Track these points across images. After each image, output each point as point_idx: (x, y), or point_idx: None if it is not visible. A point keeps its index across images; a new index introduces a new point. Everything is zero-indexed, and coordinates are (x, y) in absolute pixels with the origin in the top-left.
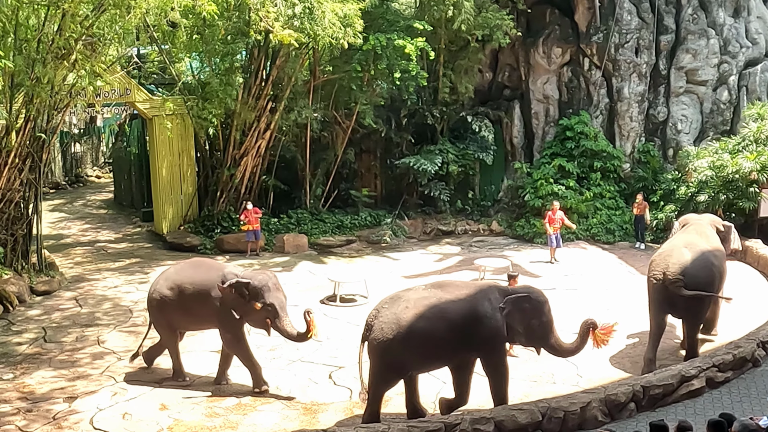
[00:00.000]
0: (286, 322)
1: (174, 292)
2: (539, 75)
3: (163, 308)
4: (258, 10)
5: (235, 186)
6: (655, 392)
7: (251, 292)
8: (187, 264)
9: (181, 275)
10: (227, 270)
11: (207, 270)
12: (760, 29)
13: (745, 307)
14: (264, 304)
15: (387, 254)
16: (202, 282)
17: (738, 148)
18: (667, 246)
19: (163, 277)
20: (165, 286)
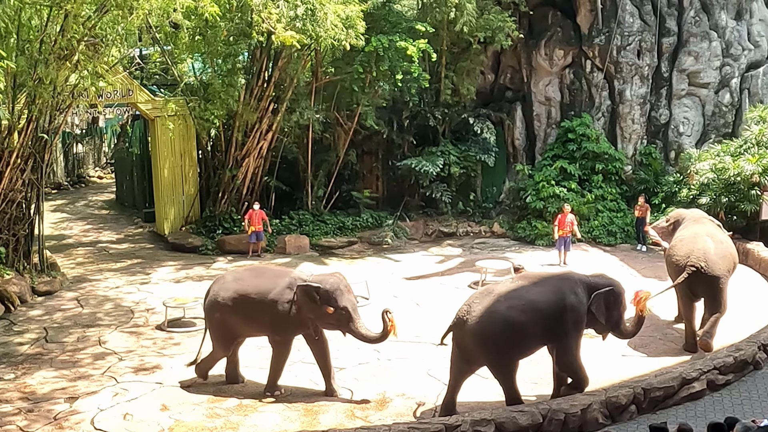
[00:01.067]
0: (360, 325)
1: (236, 301)
2: (541, 77)
3: (223, 317)
4: (260, 11)
5: (236, 187)
6: (656, 394)
7: (322, 296)
8: (248, 271)
9: (245, 283)
10: (293, 275)
11: (272, 277)
12: (762, 32)
13: (747, 309)
14: (337, 307)
15: (388, 255)
16: (266, 290)
17: (740, 150)
18: (687, 235)
19: (224, 285)
20: (227, 297)
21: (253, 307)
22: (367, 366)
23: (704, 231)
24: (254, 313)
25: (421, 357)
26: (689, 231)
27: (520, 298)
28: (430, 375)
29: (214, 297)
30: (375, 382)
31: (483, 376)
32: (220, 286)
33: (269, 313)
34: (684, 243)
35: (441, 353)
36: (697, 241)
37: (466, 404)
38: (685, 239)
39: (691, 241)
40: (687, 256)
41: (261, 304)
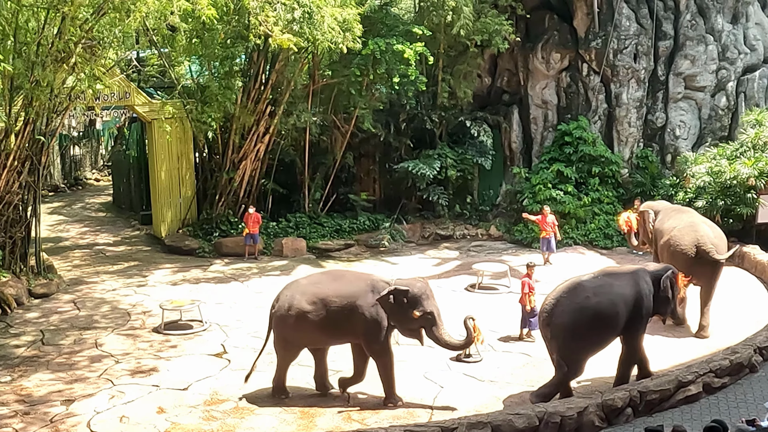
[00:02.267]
0: (444, 331)
1: (317, 306)
2: (538, 80)
3: (300, 324)
4: (257, 14)
5: (233, 189)
6: (652, 397)
7: (410, 301)
8: (324, 276)
9: (324, 288)
10: (374, 278)
11: (352, 281)
12: (758, 35)
13: (743, 312)
14: (423, 312)
15: (385, 258)
16: (350, 294)
17: (736, 154)
18: (682, 225)
19: (298, 291)
20: (305, 301)
21: (335, 313)
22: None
23: (697, 219)
24: (337, 319)
25: (418, 360)
26: (681, 220)
27: (608, 291)
28: (427, 378)
29: (288, 303)
30: (372, 386)
31: (479, 379)
32: (295, 291)
33: (356, 319)
34: (685, 231)
35: (438, 356)
36: (698, 229)
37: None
38: (683, 228)
39: (692, 229)
40: (694, 243)
41: (344, 309)
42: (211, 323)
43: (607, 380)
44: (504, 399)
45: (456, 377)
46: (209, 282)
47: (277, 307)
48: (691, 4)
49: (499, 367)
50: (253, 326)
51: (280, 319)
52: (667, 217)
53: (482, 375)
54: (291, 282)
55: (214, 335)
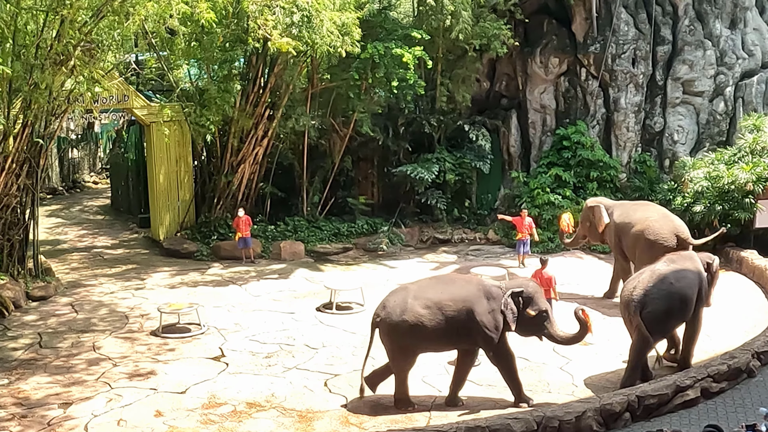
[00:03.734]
0: (557, 327)
1: (432, 310)
2: (536, 84)
3: (416, 330)
4: (256, 18)
5: (232, 193)
6: (650, 402)
7: (525, 301)
8: (433, 281)
9: (437, 292)
10: (485, 282)
11: (464, 284)
12: (756, 41)
13: (741, 317)
14: (539, 311)
15: (384, 262)
16: (464, 297)
17: (734, 159)
18: (655, 216)
19: (410, 296)
20: (418, 305)
21: (451, 317)
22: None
23: (665, 210)
24: (453, 324)
25: (416, 364)
26: (651, 211)
27: (684, 277)
28: (425, 382)
29: (400, 308)
30: (369, 390)
31: (477, 383)
32: (406, 296)
33: (472, 323)
34: (662, 221)
35: (436, 360)
36: (673, 219)
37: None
38: (659, 218)
39: (668, 219)
40: (673, 232)
41: (460, 313)
42: (209, 327)
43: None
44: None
45: None
46: (207, 285)
47: (385, 314)
48: (690, 10)
49: (497, 371)
50: (251, 330)
51: (392, 326)
52: (631, 210)
53: (480, 379)
54: (396, 288)
55: (212, 339)
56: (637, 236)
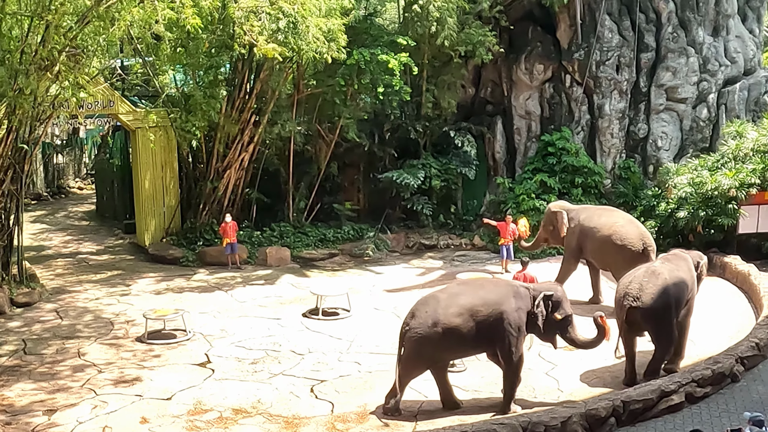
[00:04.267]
0: (577, 332)
1: (464, 318)
2: (521, 91)
3: (448, 339)
4: (242, 23)
5: (218, 198)
6: (635, 407)
7: (554, 304)
8: (462, 287)
9: (468, 298)
10: (514, 284)
11: (493, 287)
12: (738, 48)
13: (724, 322)
14: (565, 315)
15: (370, 268)
16: (495, 301)
17: (717, 165)
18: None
19: (441, 305)
20: (451, 314)
21: (482, 322)
22: (348, 378)
23: (627, 214)
24: (482, 329)
25: None
26: (618, 216)
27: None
28: (411, 387)
29: (432, 318)
30: (356, 395)
31: (463, 389)
32: (437, 306)
33: (499, 327)
34: (629, 227)
35: None
36: (638, 224)
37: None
38: (626, 224)
39: (635, 225)
40: (640, 238)
41: (490, 317)
42: (195, 333)
43: (590, 391)
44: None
45: None
46: (193, 291)
47: (416, 324)
48: (673, 17)
49: (483, 376)
50: (237, 336)
51: (425, 337)
52: (595, 215)
53: (466, 384)
54: (425, 297)
55: (197, 345)
56: (605, 241)
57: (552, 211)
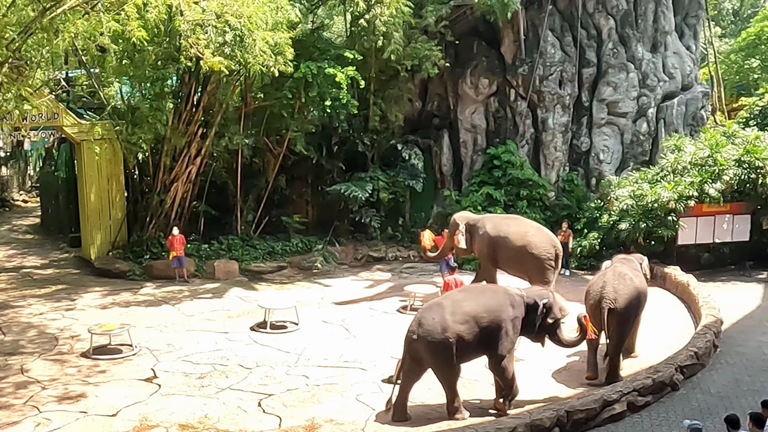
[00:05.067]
0: (564, 332)
1: (470, 324)
2: (467, 105)
3: (458, 346)
4: (188, 36)
5: (165, 211)
6: (579, 417)
7: (547, 309)
8: (463, 293)
9: (471, 305)
10: (509, 290)
11: (492, 294)
12: (676, 64)
13: (664, 332)
14: (555, 318)
15: (318, 280)
16: (495, 308)
17: (657, 178)
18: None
19: (447, 312)
20: (457, 321)
21: (484, 328)
22: (296, 392)
23: (533, 222)
24: (484, 334)
25: (350, 382)
26: (527, 225)
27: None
28: (359, 400)
29: (440, 326)
30: (304, 409)
31: (411, 400)
32: (443, 313)
33: (497, 332)
34: (540, 235)
35: (370, 378)
36: (546, 231)
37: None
38: (537, 232)
39: (545, 232)
40: (552, 244)
41: (492, 323)
42: (141, 347)
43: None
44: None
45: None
46: (140, 305)
47: (425, 332)
48: (613, 33)
49: (430, 388)
50: (185, 350)
51: (434, 344)
52: (503, 224)
53: (413, 396)
54: (429, 305)
55: (144, 359)
56: (520, 250)
57: (455, 222)
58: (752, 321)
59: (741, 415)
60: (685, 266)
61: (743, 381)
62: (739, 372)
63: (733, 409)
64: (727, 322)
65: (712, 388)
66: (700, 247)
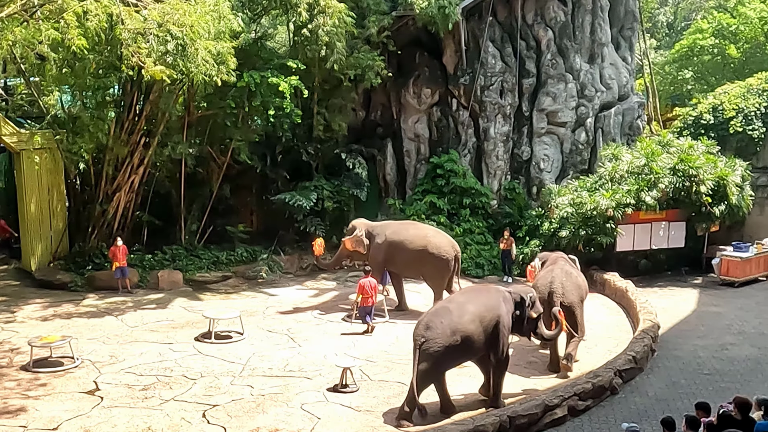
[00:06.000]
0: (543, 327)
1: (476, 324)
2: (410, 114)
3: (466, 346)
4: (129, 45)
5: (107, 222)
6: (521, 422)
7: (532, 304)
8: (465, 294)
9: (475, 305)
10: (500, 288)
11: (488, 292)
12: (613, 75)
13: (604, 337)
14: (538, 312)
15: (263, 290)
16: (493, 306)
17: (595, 186)
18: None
19: (455, 315)
20: (467, 322)
21: (487, 327)
22: (240, 402)
23: (430, 226)
24: (487, 333)
25: (295, 391)
26: (420, 229)
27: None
28: (304, 409)
29: (450, 328)
30: (248, 419)
31: (356, 409)
32: (452, 316)
33: (497, 330)
34: (440, 237)
35: (315, 387)
36: (443, 233)
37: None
38: (436, 235)
39: (443, 234)
40: (451, 245)
41: (492, 321)
42: (84, 360)
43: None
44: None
45: (333, 408)
46: (82, 317)
47: (435, 335)
48: (552, 45)
49: (375, 396)
50: (128, 362)
51: (444, 346)
52: (402, 229)
53: (359, 405)
54: (435, 309)
55: (86, 372)
56: (420, 252)
57: (353, 227)
58: (688, 325)
59: (677, 418)
60: (624, 272)
61: (679, 384)
62: (675, 375)
63: (670, 412)
64: (664, 327)
65: (649, 391)
66: (637, 254)
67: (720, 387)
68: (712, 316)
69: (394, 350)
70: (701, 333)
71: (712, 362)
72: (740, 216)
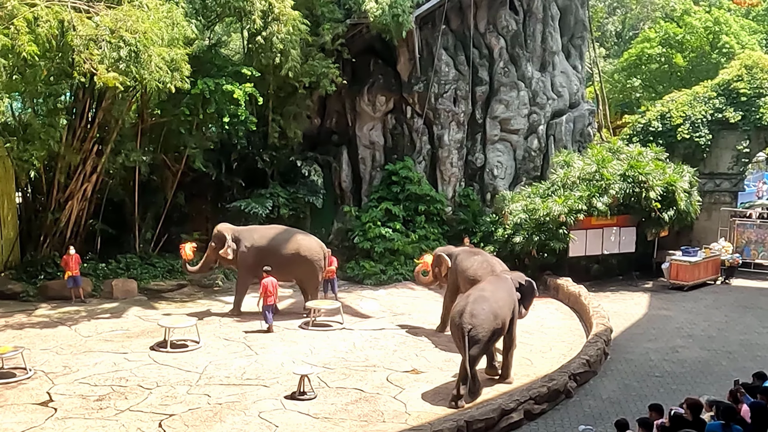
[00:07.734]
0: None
1: (508, 308)
2: (365, 122)
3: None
4: (81, 52)
5: (60, 230)
6: (478, 426)
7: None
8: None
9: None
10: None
11: (506, 281)
12: (564, 83)
13: (558, 341)
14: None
15: (219, 298)
16: (512, 290)
17: (548, 192)
18: (301, 236)
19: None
20: (502, 307)
21: (512, 310)
22: (197, 411)
23: (297, 230)
24: (512, 315)
25: (252, 400)
26: (290, 233)
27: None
28: (262, 417)
29: (493, 312)
30: (205, 428)
31: (314, 416)
32: (490, 301)
33: (513, 312)
34: (306, 240)
35: (272, 395)
36: (311, 236)
37: None
38: (304, 238)
39: (310, 238)
40: (320, 247)
41: (514, 305)
42: (36, 371)
43: (436, 412)
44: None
45: (291, 416)
46: (34, 327)
47: (480, 321)
48: (504, 53)
49: (333, 403)
50: (82, 372)
51: (490, 330)
52: (269, 233)
53: (317, 412)
54: (474, 298)
55: (39, 383)
56: (293, 255)
57: (220, 233)
58: (639, 329)
59: (630, 420)
60: (577, 277)
61: (632, 386)
62: (628, 378)
63: (623, 414)
64: (617, 331)
65: (603, 394)
66: (590, 259)
67: (671, 389)
68: (663, 320)
69: (351, 357)
70: (652, 336)
71: (663, 365)
72: (688, 221)
